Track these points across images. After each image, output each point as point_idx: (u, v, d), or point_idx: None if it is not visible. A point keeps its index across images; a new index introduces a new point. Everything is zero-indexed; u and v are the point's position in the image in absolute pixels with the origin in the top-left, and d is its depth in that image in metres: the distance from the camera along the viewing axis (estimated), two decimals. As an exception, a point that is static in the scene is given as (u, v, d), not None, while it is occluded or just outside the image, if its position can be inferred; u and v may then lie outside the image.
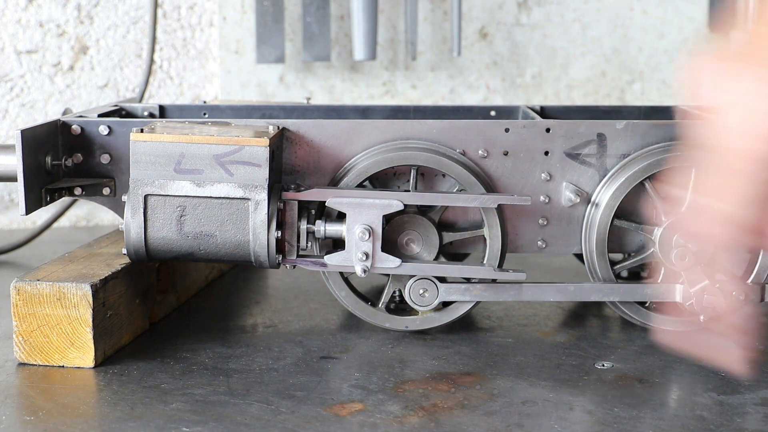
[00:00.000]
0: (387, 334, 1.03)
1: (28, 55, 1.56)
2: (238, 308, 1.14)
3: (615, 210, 1.00)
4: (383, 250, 0.97)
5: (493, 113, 1.22)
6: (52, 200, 0.99)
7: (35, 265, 1.14)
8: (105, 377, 0.91)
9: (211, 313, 1.12)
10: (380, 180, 1.03)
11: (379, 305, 1.02)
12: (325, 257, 0.97)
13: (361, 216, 0.96)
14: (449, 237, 1.02)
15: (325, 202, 0.97)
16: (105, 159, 1.01)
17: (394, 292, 1.02)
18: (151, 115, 1.21)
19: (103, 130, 1.00)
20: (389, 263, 0.97)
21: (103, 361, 0.94)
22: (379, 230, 0.96)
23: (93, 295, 0.92)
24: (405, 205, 0.97)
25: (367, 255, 0.96)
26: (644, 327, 1.04)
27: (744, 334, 0.77)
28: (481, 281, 1.01)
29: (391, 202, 0.96)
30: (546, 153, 1.01)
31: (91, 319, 0.92)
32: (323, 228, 0.97)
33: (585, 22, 1.65)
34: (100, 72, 1.58)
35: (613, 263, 1.02)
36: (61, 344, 0.93)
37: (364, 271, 0.97)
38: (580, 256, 1.05)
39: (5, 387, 0.89)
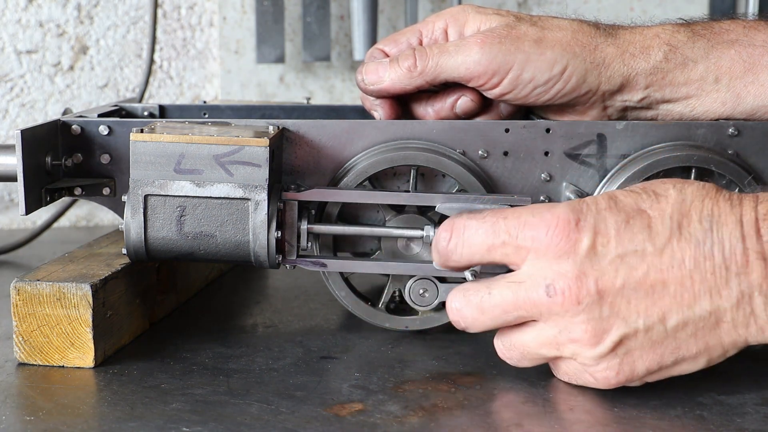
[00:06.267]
0: (387, 334, 1.03)
1: (28, 55, 1.56)
2: (238, 308, 1.14)
3: (615, 210, 1.00)
4: (383, 250, 0.97)
5: (493, 113, 1.22)
6: (52, 200, 0.99)
7: (35, 265, 1.14)
8: (105, 377, 0.91)
9: (211, 313, 1.12)
10: (380, 180, 1.03)
11: (379, 305, 1.02)
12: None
13: (361, 216, 0.96)
14: (449, 237, 1.01)
15: (325, 202, 0.97)
16: (105, 159, 1.01)
17: (394, 292, 1.02)
18: (151, 115, 1.21)
19: (103, 130, 1.00)
20: (389, 263, 0.97)
21: (103, 361, 0.94)
22: (379, 230, 0.96)
23: (93, 295, 0.92)
24: (405, 206, 0.97)
25: (367, 255, 0.96)
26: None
27: None
28: (481, 281, 1.00)
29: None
30: (546, 153, 1.01)
31: (91, 319, 0.92)
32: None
33: (585, 22, 1.64)
34: (100, 72, 1.58)
35: (613, 263, 1.02)
36: (61, 344, 0.93)
37: (364, 271, 0.97)
38: (580, 256, 1.05)
39: (5, 387, 0.89)
